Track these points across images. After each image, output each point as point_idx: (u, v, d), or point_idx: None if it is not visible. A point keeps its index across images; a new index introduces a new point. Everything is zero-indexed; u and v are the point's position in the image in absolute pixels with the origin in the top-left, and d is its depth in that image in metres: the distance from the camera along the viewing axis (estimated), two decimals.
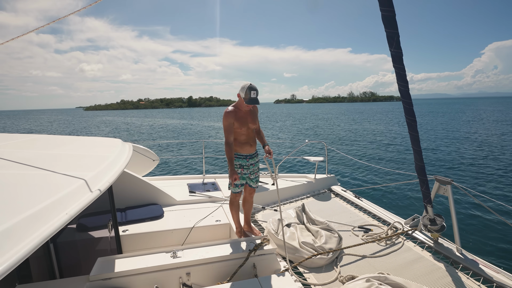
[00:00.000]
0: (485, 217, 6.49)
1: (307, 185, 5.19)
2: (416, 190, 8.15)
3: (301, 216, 3.69)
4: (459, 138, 19.64)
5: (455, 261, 3.02)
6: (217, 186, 5.16)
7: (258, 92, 2.98)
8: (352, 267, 2.98)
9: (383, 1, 2.56)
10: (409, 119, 2.97)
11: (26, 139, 3.09)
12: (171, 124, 44.83)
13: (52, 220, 1.34)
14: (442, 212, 3.53)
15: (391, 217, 4.00)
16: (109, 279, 2.36)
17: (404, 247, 3.32)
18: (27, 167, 1.97)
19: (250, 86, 2.94)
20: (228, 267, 2.69)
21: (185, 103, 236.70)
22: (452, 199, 3.16)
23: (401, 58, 2.74)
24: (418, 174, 3.18)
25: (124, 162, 2.58)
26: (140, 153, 5.03)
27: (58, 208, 1.44)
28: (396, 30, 2.63)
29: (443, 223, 3.23)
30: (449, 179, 3.24)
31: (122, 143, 3.32)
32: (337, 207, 4.56)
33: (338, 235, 3.34)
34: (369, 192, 8.26)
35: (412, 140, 3.05)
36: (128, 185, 4.21)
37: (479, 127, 26.57)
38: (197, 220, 3.85)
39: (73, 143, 3.13)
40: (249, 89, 2.93)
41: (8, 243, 1.09)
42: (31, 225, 1.24)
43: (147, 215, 3.92)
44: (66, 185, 1.70)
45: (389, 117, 44.99)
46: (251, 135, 3.20)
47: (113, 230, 3.17)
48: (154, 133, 31.19)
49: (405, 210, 7.05)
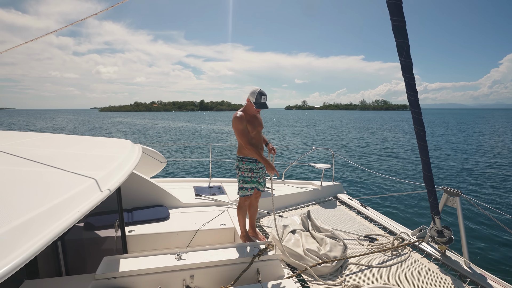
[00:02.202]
0: (495, 230, 6.33)
1: (313, 192, 5.16)
2: (424, 201, 7.99)
3: (306, 223, 3.67)
4: (470, 150, 19.24)
5: (462, 274, 2.95)
6: (223, 190, 5.18)
7: (267, 97, 3.09)
8: (357, 277, 2.95)
9: (394, 11, 2.57)
10: (418, 129, 2.95)
11: (40, 138, 3.18)
12: (182, 127, 45.31)
13: (65, 217, 1.38)
14: (450, 224, 3.46)
15: (397, 228, 3.94)
16: (114, 278, 2.39)
17: (410, 258, 3.27)
18: (41, 165, 2.03)
19: (260, 91, 3.05)
20: (232, 271, 2.69)
21: (197, 106, 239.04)
22: (460, 211, 3.11)
23: (410, 67, 2.74)
24: (426, 184, 3.14)
25: (133, 163, 2.64)
26: (148, 155, 5.11)
27: (70, 206, 1.48)
28: (406, 39, 2.63)
29: (451, 235, 3.17)
30: (458, 191, 3.18)
31: (132, 144, 3.38)
32: (342, 215, 4.52)
33: (343, 244, 3.31)
34: (375, 201, 8.13)
35: (421, 150, 3.02)
36: (136, 186, 4.28)
37: (492, 139, 25.97)
38: (202, 223, 3.88)
39: (85, 143, 3.21)
40: (260, 94, 3.04)
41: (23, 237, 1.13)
42: (44, 221, 1.29)
43: (153, 217, 3.96)
44: (77, 183, 1.75)
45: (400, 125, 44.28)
46: (260, 138, 3.26)
47: (120, 230, 3.22)
48: (164, 135, 31.56)
49: (412, 220, 6.92)
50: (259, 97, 3.03)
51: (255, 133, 3.16)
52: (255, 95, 3.04)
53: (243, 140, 3.08)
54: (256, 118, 3.21)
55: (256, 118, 3.20)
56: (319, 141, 25.71)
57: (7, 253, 1.03)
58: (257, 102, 3.05)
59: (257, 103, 3.05)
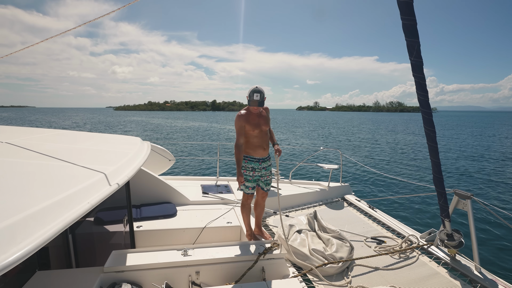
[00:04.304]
0: (507, 235, 6.15)
1: (320, 192, 5.13)
2: (434, 204, 7.83)
3: (313, 223, 3.65)
4: (484, 152, 18.71)
5: (473, 279, 2.88)
6: (230, 188, 5.22)
7: (262, 95, 3.10)
8: (363, 279, 2.91)
9: (404, 10, 2.54)
10: (428, 130, 2.90)
11: (53, 133, 3.28)
12: (193, 126, 45.74)
13: (75, 208, 1.43)
14: (460, 227, 3.38)
15: (406, 230, 3.87)
16: (122, 272, 2.44)
17: (419, 261, 3.21)
18: (53, 159, 2.09)
19: (254, 89, 3.09)
20: (237, 269, 2.70)
21: (209, 106, 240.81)
22: (471, 214, 3.03)
23: (421, 67, 2.70)
24: (436, 186, 3.08)
25: (142, 159, 2.69)
26: (157, 153, 5.19)
27: (80, 198, 1.52)
28: (417, 39, 2.59)
29: (461, 239, 3.09)
30: (469, 194, 3.10)
31: (141, 141, 3.45)
32: (350, 216, 4.47)
33: (350, 245, 3.28)
34: (384, 203, 8.00)
35: (431, 151, 2.96)
36: (145, 182, 4.35)
37: (508, 142, 25.16)
38: (209, 220, 3.91)
39: (95, 139, 3.29)
40: (252, 91, 3.08)
41: (35, 226, 1.17)
42: (55, 211, 1.33)
43: (161, 213, 4.02)
44: (87, 177, 1.80)
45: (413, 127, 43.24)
46: (265, 138, 3.24)
47: (128, 225, 3.28)
48: (176, 134, 31.91)
49: (421, 223, 6.79)
50: (251, 94, 3.09)
51: (258, 131, 3.16)
52: (249, 93, 3.12)
53: (236, 138, 3.15)
54: (261, 117, 3.21)
55: (260, 117, 3.20)
56: (329, 141, 25.49)
57: (20, 240, 1.07)
58: (250, 99, 3.11)
59: (250, 100, 3.12)
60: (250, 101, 3.11)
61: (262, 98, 3.10)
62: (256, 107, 3.12)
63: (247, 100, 3.15)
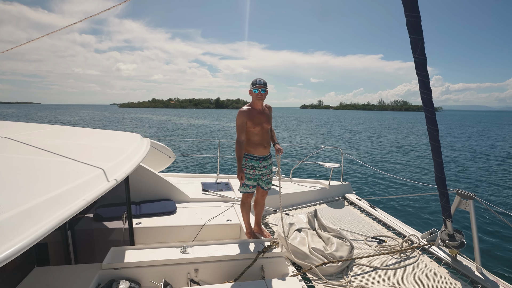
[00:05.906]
0: (509, 236, 6.08)
1: (320, 191, 5.10)
2: (435, 203, 7.76)
3: (313, 221, 3.63)
4: (487, 152, 18.55)
5: (474, 280, 2.85)
6: (230, 186, 5.21)
7: (264, 82, 3.11)
8: (363, 278, 2.89)
9: (408, 6, 2.50)
10: (431, 128, 2.87)
11: (53, 129, 3.28)
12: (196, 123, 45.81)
13: (70, 204, 1.41)
14: (462, 227, 3.34)
15: (407, 230, 3.84)
16: (120, 269, 2.44)
17: (420, 261, 3.18)
18: (51, 154, 2.09)
19: (256, 78, 3.12)
20: (236, 267, 2.69)
21: (212, 104, 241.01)
22: (473, 214, 2.99)
23: (425, 65, 2.66)
24: (438, 186, 3.04)
25: (141, 156, 2.68)
26: (157, 149, 5.18)
27: (76, 194, 1.51)
28: (421, 36, 2.55)
29: (462, 240, 3.06)
30: (471, 194, 3.06)
31: (141, 138, 3.44)
32: (350, 215, 4.45)
33: (350, 244, 3.25)
34: (385, 202, 7.94)
35: (433, 151, 2.92)
36: (144, 179, 4.34)
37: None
38: (208, 218, 3.90)
39: (95, 135, 3.28)
40: (254, 80, 3.11)
41: (29, 222, 1.16)
42: (50, 207, 1.31)
43: (160, 210, 4.01)
44: (85, 173, 1.79)
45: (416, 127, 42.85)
46: (266, 136, 3.19)
47: (127, 222, 3.28)
48: (176, 131, 31.94)
49: (422, 223, 6.73)
50: (254, 82, 3.10)
51: (259, 129, 3.12)
52: (251, 83, 3.13)
53: (237, 134, 3.10)
54: (263, 114, 3.16)
55: (262, 114, 3.15)
56: (331, 140, 25.38)
57: (12, 236, 1.05)
58: (254, 84, 3.09)
59: (253, 85, 3.09)
60: (254, 85, 3.08)
61: (265, 82, 3.10)
62: (260, 94, 3.08)
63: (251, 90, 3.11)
